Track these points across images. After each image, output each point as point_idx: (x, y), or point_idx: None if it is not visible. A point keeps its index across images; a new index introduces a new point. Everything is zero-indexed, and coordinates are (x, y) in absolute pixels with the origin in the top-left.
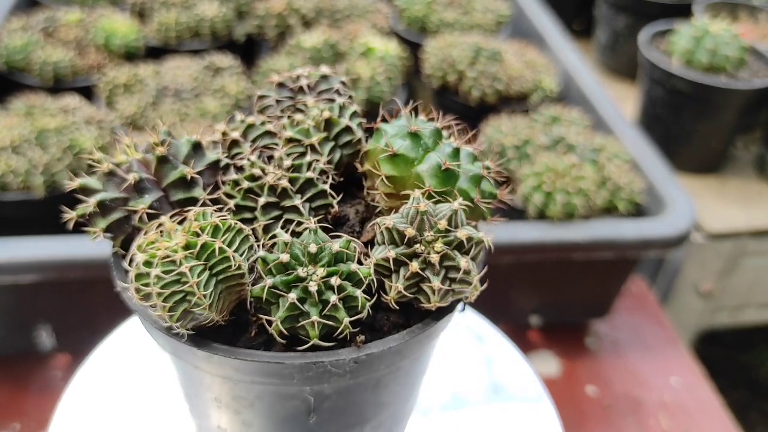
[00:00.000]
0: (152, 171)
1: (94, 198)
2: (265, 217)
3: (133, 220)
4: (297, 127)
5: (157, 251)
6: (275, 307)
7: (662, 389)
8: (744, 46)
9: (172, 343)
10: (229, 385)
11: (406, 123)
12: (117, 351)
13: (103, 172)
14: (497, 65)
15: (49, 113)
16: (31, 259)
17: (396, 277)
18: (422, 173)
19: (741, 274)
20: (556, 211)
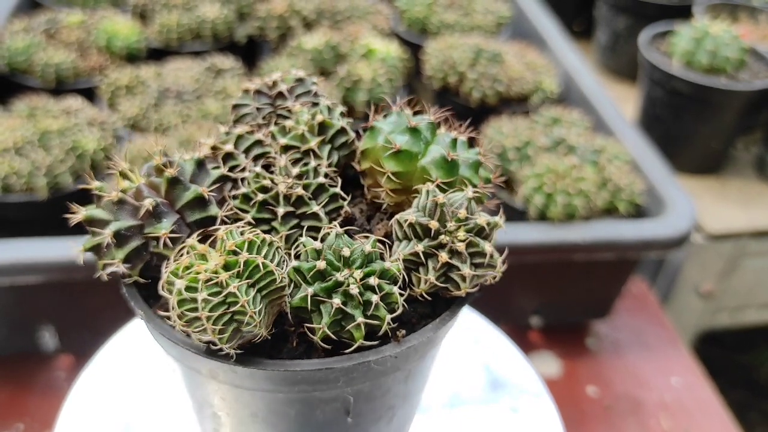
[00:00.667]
0: (163, 194)
1: (109, 229)
2: (285, 227)
3: (151, 247)
4: (290, 133)
5: (198, 275)
6: (317, 315)
7: (663, 389)
8: (744, 48)
9: (215, 365)
10: (269, 399)
11: (397, 119)
12: (121, 352)
13: (112, 201)
14: (498, 66)
15: (51, 115)
16: (34, 261)
17: (425, 270)
18: (427, 166)
19: (741, 274)
20: (556, 212)
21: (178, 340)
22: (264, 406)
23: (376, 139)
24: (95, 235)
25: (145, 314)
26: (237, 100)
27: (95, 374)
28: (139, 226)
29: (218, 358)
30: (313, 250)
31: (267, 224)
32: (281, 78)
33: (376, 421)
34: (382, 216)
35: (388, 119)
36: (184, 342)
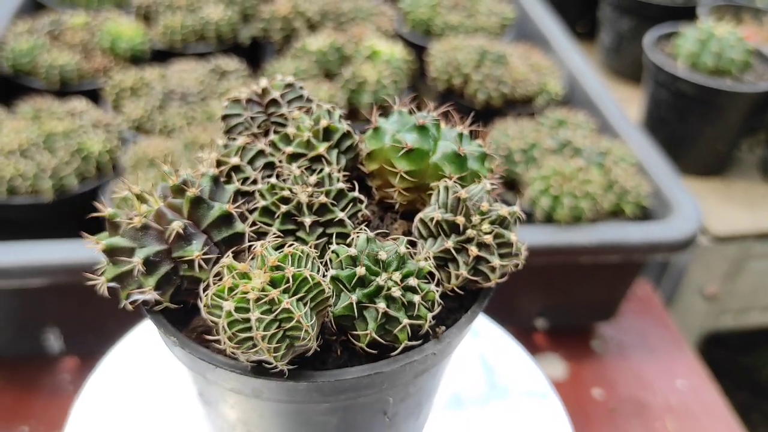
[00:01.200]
0: (186, 214)
1: (138, 256)
2: (312, 237)
3: (181, 271)
4: (295, 140)
5: (247, 294)
6: (360, 321)
7: (668, 392)
8: (749, 49)
9: (263, 383)
10: (314, 410)
11: (399, 118)
12: (129, 356)
13: (136, 227)
14: (502, 68)
15: (56, 117)
16: (40, 263)
17: (455, 265)
18: (439, 162)
19: (746, 276)
20: (563, 214)
21: (221, 362)
22: (306, 419)
23: (382, 140)
24: (118, 264)
25: (179, 340)
26: (226, 110)
27: (103, 378)
28: (167, 250)
29: (269, 377)
30: (349, 257)
31: (292, 235)
32: (270, 84)
33: (406, 419)
34: (394, 216)
35: (391, 119)
36: (227, 364)
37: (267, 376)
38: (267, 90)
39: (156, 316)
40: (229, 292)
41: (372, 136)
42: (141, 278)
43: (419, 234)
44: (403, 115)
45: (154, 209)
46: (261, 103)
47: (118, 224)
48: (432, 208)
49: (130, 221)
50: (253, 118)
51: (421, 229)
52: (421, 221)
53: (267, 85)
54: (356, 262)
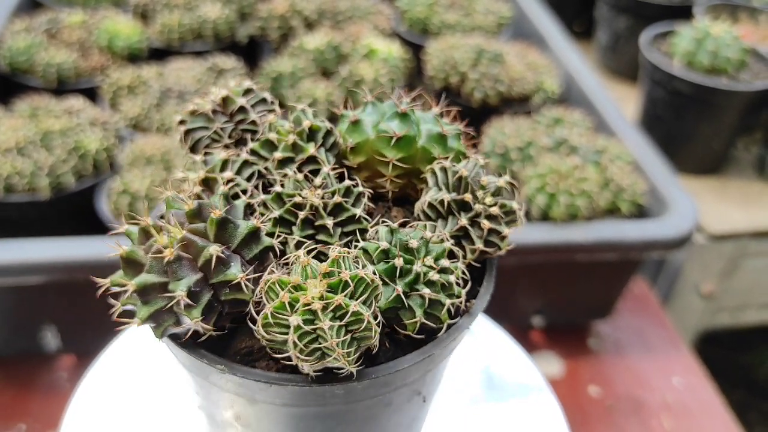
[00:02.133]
0: (212, 237)
1: (180, 289)
2: (336, 237)
3: (222, 295)
4: (281, 145)
5: (311, 305)
6: (405, 310)
7: (664, 390)
8: (745, 48)
9: (327, 390)
10: (370, 404)
11: (374, 109)
12: (125, 354)
13: (167, 259)
14: (499, 67)
15: (53, 115)
16: (37, 261)
17: (468, 240)
18: (427, 145)
19: (742, 275)
20: (559, 212)
21: (280, 378)
22: (364, 410)
23: (364, 132)
24: (153, 302)
25: (227, 367)
26: (188, 125)
27: (99, 375)
28: (204, 277)
29: (337, 382)
30: (381, 251)
31: (313, 239)
32: (230, 91)
33: (430, 397)
34: (387, 204)
35: (366, 111)
36: (289, 379)
37: (334, 382)
38: (230, 98)
39: (194, 350)
40: (290, 307)
41: (352, 129)
42: (184, 311)
43: (426, 217)
44: (376, 105)
45: (177, 238)
46: (224, 112)
47: (136, 261)
48: (434, 190)
49: (158, 255)
50: (223, 129)
51: (429, 212)
52: (429, 205)
53: (228, 92)
54: (389, 254)
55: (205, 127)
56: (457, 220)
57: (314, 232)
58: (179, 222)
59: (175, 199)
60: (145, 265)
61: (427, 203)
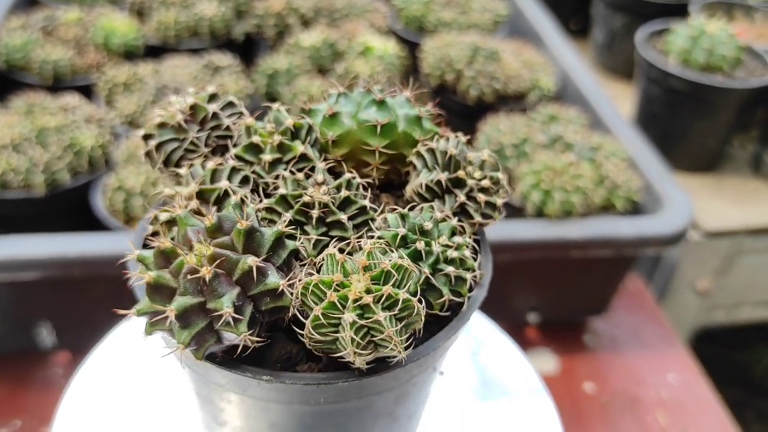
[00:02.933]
0: (241, 249)
1: (227, 306)
2: (350, 230)
3: (263, 305)
4: (267, 147)
5: (360, 300)
6: (430, 291)
7: (660, 386)
8: (740, 46)
9: (376, 380)
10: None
11: (347, 100)
12: (118, 348)
13: (204, 278)
14: (495, 64)
15: (49, 112)
16: (32, 257)
17: (467, 215)
18: (408, 129)
19: (737, 272)
20: (554, 209)
21: (329, 377)
22: (396, 395)
23: (344, 124)
24: (194, 324)
25: (274, 376)
26: (158, 138)
27: (92, 370)
28: (243, 291)
29: (386, 370)
30: (401, 237)
31: (327, 236)
32: (197, 99)
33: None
34: (375, 192)
35: (339, 103)
36: (335, 377)
37: (385, 370)
38: (199, 105)
39: (235, 366)
40: (341, 305)
41: (330, 122)
42: (230, 328)
43: (421, 198)
44: (348, 96)
45: (207, 255)
46: (194, 121)
47: (164, 285)
48: (425, 172)
49: (194, 276)
50: (198, 138)
51: (425, 193)
52: (424, 187)
53: (195, 100)
54: (407, 240)
55: (177, 139)
56: (455, 197)
57: (327, 229)
58: (202, 238)
59: (187, 216)
60: (177, 287)
61: (422, 185)
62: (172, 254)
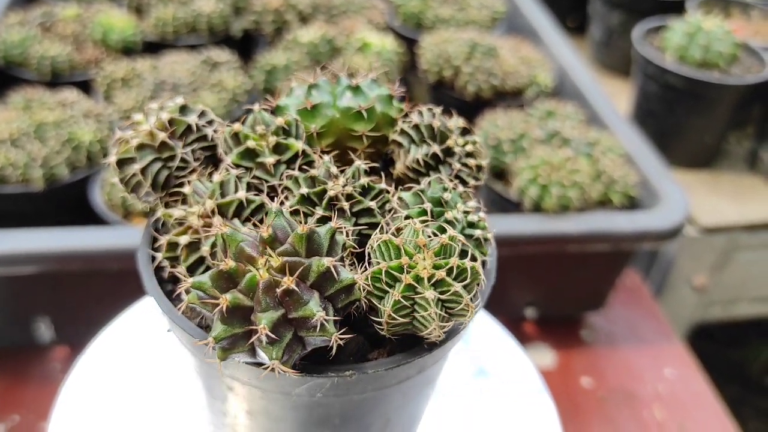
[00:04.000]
0: (305, 253)
1: (317, 311)
2: (382, 215)
3: (339, 303)
4: (266, 149)
5: (432, 277)
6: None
7: (656, 381)
8: (736, 43)
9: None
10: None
11: (318, 92)
12: (115, 342)
13: (289, 288)
14: (492, 61)
15: (47, 107)
16: (30, 251)
17: (461, 181)
18: (385, 110)
19: (734, 268)
20: (551, 203)
21: (418, 352)
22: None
23: (326, 114)
24: (281, 339)
25: (357, 370)
26: (140, 162)
27: (89, 365)
28: (320, 292)
29: (455, 335)
30: (427, 212)
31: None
32: (169, 113)
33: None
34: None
35: (312, 95)
36: (420, 351)
37: (455, 334)
38: (177, 120)
39: (317, 370)
40: (418, 287)
41: (312, 115)
42: (322, 332)
43: (416, 173)
44: (318, 87)
45: (276, 266)
46: (175, 137)
47: (242, 306)
48: (414, 148)
49: (275, 288)
50: (186, 153)
51: (419, 168)
52: (418, 162)
53: (170, 115)
54: (432, 213)
55: (160, 158)
56: (450, 166)
57: (356, 218)
58: (261, 251)
59: (234, 232)
60: (255, 305)
61: (418, 160)
62: (236, 273)
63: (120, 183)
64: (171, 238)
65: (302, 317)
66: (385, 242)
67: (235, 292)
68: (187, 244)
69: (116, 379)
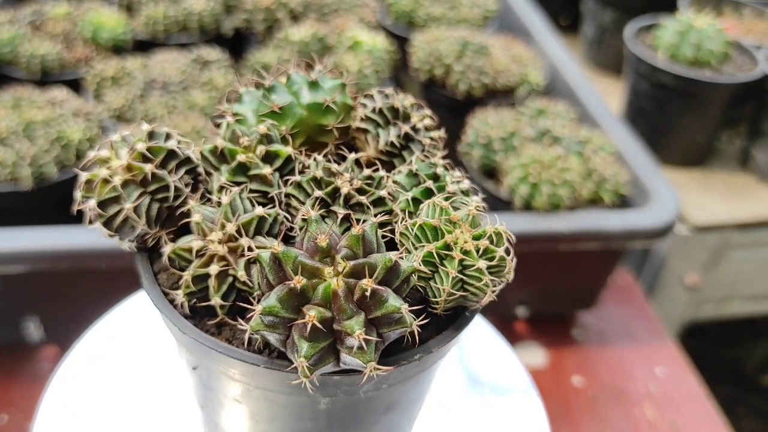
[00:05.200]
0: (363, 254)
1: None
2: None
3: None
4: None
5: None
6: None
7: (648, 380)
8: (728, 41)
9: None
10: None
11: (278, 92)
12: (101, 341)
13: (367, 292)
14: (484, 59)
15: (36, 105)
16: (19, 250)
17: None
18: (342, 99)
19: (726, 266)
20: (541, 202)
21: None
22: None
23: (294, 114)
24: (368, 343)
25: (422, 355)
26: (131, 201)
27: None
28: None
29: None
30: (431, 190)
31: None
32: (146, 142)
33: None
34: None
35: (277, 95)
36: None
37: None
38: (156, 148)
39: (392, 360)
40: (468, 260)
41: (280, 117)
42: (403, 323)
43: (390, 155)
44: (274, 87)
45: (348, 271)
46: (167, 169)
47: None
48: (384, 132)
49: (358, 294)
50: (186, 184)
51: (392, 149)
52: (393, 144)
53: (144, 144)
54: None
55: (147, 192)
56: (419, 143)
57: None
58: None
59: (288, 249)
60: (342, 313)
61: (390, 142)
62: (307, 288)
63: (103, 227)
64: (195, 271)
65: (384, 314)
66: (420, 226)
67: (315, 307)
68: (217, 273)
69: (102, 377)
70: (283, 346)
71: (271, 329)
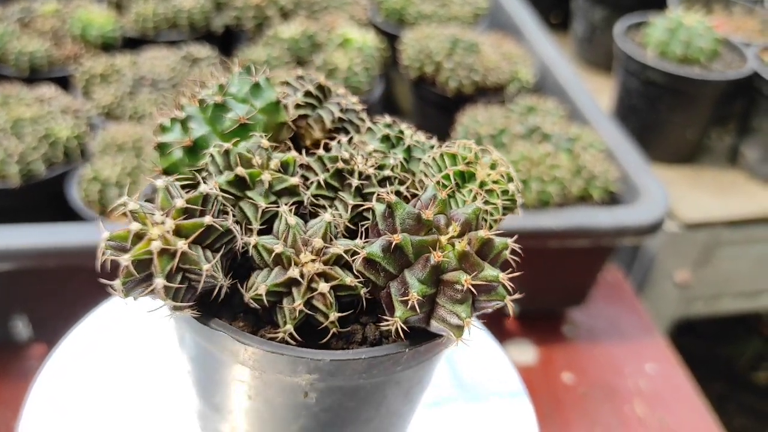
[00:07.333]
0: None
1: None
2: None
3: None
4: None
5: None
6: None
7: (637, 376)
8: (717, 38)
9: None
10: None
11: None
12: (87, 338)
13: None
14: (474, 57)
15: (24, 103)
16: (6, 248)
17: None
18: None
19: (716, 263)
20: (530, 198)
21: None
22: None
23: (258, 121)
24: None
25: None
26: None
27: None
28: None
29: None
30: (407, 146)
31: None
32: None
33: None
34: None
35: (223, 112)
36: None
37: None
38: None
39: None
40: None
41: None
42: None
43: (338, 131)
44: (225, 102)
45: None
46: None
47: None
48: (323, 110)
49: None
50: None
51: (339, 125)
52: (340, 119)
53: (189, 196)
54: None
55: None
56: (354, 113)
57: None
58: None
59: (409, 238)
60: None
61: (339, 118)
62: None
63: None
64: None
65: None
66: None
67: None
68: (328, 290)
69: (88, 374)
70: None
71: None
